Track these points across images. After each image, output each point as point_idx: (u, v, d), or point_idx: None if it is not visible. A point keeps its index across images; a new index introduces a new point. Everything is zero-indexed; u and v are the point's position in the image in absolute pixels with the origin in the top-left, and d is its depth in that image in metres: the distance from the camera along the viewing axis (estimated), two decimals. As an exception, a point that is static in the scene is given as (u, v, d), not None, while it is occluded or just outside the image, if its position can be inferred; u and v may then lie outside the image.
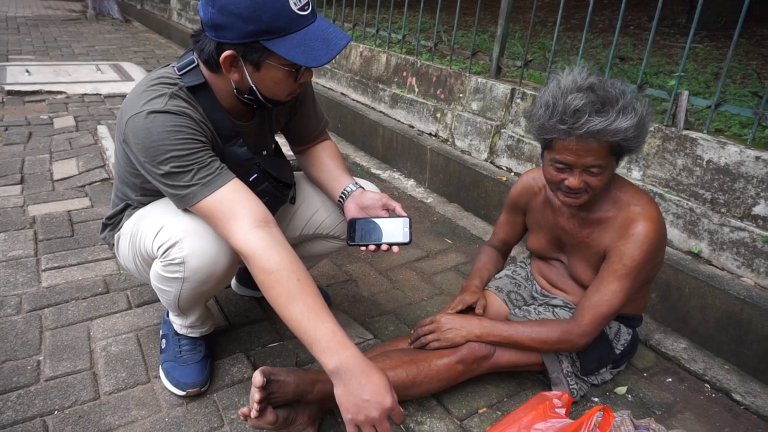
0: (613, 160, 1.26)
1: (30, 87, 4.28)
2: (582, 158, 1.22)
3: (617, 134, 1.18)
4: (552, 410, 1.32)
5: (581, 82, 1.21)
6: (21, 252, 2.02)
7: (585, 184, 1.26)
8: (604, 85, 1.21)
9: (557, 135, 1.22)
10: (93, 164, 2.85)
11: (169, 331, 1.49)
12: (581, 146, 1.20)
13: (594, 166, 1.23)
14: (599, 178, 1.25)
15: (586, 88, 1.20)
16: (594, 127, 1.17)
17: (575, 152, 1.21)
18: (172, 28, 7.38)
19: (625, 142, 1.21)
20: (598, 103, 1.18)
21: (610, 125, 1.17)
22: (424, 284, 2.04)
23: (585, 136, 1.19)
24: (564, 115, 1.19)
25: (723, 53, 3.76)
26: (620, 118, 1.17)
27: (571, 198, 1.30)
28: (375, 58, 3.64)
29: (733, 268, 1.74)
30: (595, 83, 1.21)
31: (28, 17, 8.70)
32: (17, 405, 1.34)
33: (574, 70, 1.26)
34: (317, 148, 1.55)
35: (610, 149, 1.22)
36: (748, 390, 1.54)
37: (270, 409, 1.17)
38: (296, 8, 1.10)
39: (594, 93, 1.19)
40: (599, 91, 1.19)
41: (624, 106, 1.19)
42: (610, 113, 1.17)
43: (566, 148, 1.22)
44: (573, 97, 1.18)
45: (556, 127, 1.21)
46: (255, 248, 1.12)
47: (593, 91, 1.19)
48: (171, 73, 1.22)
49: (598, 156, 1.21)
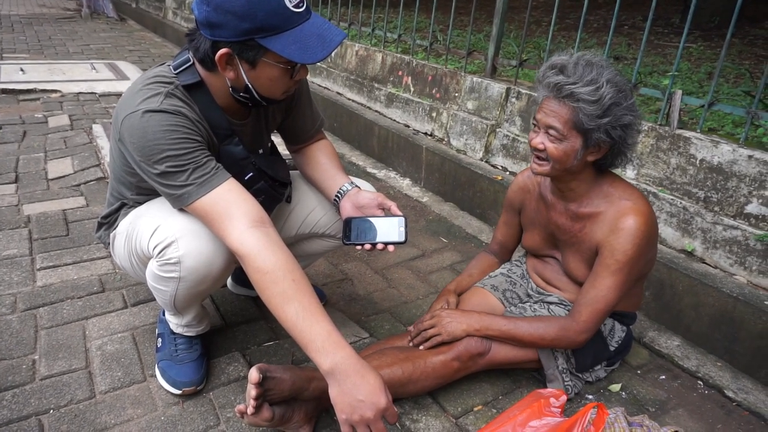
0: (575, 135, 1.28)
1: (24, 86, 4.26)
2: (547, 117, 1.29)
3: (574, 99, 1.24)
4: (547, 408, 1.32)
5: (588, 57, 1.29)
6: (16, 251, 2.01)
7: (543, 145, 1.31)
8: (598, 63, 1.27)
9: (537, 88, 1.33)
10: (88, 163, 2.85)
11: (165, 330, 1.50)
12: (549, 106, 1.29)
13: (552, 127, 1.28)
14: (555, 145, 1.30)
15: (579, 59, 1.28)
16: (553, 80, 1.26)
17: (543, 110, 1.31)
18: (168, 27, 7.36)
19: (585, 117, 1.24)
20: (576, 69, 1.25)
21: (567, 84, 1.24)
22: (419, 283, 2.04)
23: (550, 92, 1.27)
24: (546, 68, 1.30)
25: (716, 53, 3.78)
26: (580, 85, 1.24)
27: (536, 162, 1.36)
28: (371, 58, 3.64)
29: (726, 266, 1.75)
30: (591, 60, 1.27)
31: (23, 15, 8.65)
32: (12, 404, 1.34)
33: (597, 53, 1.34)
34: (313, 147, 1.56)
35: (571, 117, 1.26)
36: (741, 387, 1.55)
37: (266, 406, 1.18)
38: (291, 5, 1.10)
39: (582, 64, 1.26)
40: (583, 64, 1.26)
41: (593, 79, 1.24)
42: (573, 76, 1.25)
43: (540, 107, 1.31)
44: (563, 58, 1.29)
45: (537, 78, 1.33)
46: (250, 248, 1.12)
47: (584, 62, 1.27)
48: (167, 71, 1.22)
49: (558, 118, 1.27)
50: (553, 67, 1.29)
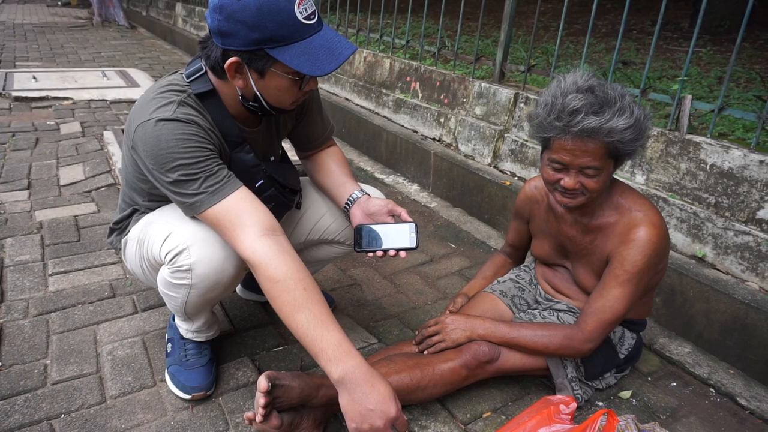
0: (610, 163, 1.26)
1: (37, 93, 4.32)
2: (578, 158, 1.23)
3: (613, 134, 1.19)
4: (556, 415, 1.31)
5: (582, 83, 1.23)
6: (28, 257, 2.04)
7: (581, 185, 1.27)
8: (604, 88, 1.23)
9: (554, 133, 1.24)
10: (99, 170, 2.88)
11: (175, 335, 1.50)
12: (577, 146, 1.22)
13: (589, 167, 1.24)
14: (595, 180, 1.25)
15: (586, 89, 1.22)
16: (588, 125, 1.18)
17: (571, 152, 1.23)
18: (177, 35, 7.43)
19: (622, 144, 1.22)
20: (596, 104, 1.20)
21: (605, 124, 1.18)
22: (428, 288, 2.04)
23: (581, 135, 1.20)
24: (561, 113, 1.21)
25: (726, 57, 3.76)
26: (615, 118, 1.19)
27: (568, 198, 1.31)
28: (379, 64, 3.66)
29: (737, 272, 1.74)
30: (595, 85, 1.23)
31: (35, 24, 8.78)
32: (24, 409, 1.35)
33: (576, 72, 1.28)
34: (323, 154, 1.56)
35: (606, 151, 1.23)
36: (754, 394, 1.54)
37: (275, 413, 1.18)
38: (302, 17, 1.11)
39: (593, 94, 1.21)
40: (598, 93, 1.21)
41: (621, 107, 1.20)
42: (606, 113, 1.19)
43: (563, 148, 1.24)
44: (572, 97, 1.21)
45: (553, 125, 1.23)
46: (262, 257, 1.13)
47: (592, 92, 1.21)
48: (179, 80, 1.24)
49: (594, 157, 1.22)
50: (574, 112, 1.19)
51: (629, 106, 1.21)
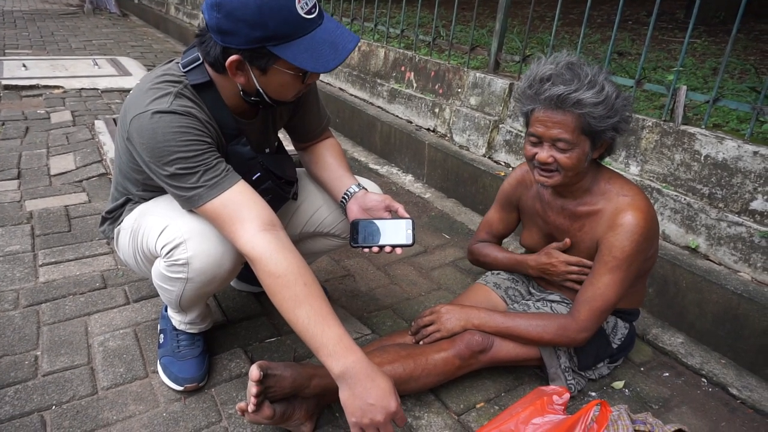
0: (584, 140, 1.26)
1: (27, 81, 4.26)
2: (549, 129, 1.25)
3: (582, 106, 1.21)
4: (550, 405, 1.32)
5: (562, 59, 1.27)
6: (18, 247, 2.02)
7: (554, 159, 1.28)
8: (582, 64, 1.26)
9: (528, 104, 1.28)
10: (90, 159, 2.85)
11: (168, 326, 1.49)
12: (548, 116, 1.25)
13: (561, 139, 1.25)
14: (567, 155, 1.27)
15: (563, 64, 1.25)
16: (555, 92, 1.21)
17: (543, 123, 1.26)
18: (170, 23, 7.35)
19: (594, 120, 1.23)
20: (567, 74, 1.23)
21: (572, 93, 1.20)
22: (422, 279, 2.04)
23: (550, 105, 1.23)
24: (533, 81, 1.25)
25: (721, 48, 3.76)
26: (584, 91, 1.21)
27: (544, 176, 1.32)
28: (373, 53, 3.63)
29: (730, 263, 1.74)
30: (573, 62, 1.26)
31: (25, 11, 8.65)
32: (15, 400, 1.34)
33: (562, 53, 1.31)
34: (320, 146, 1.55)
35: (578, 124, 1.24)
36: (745, 384, 1.55)
37: (267, 403, 1.18)
38: (303, 12, 1.08)
39: (568, 69, 1.24)
40: (574, 68, 1.25)
41: (592, 81, 1.23)
42: (574, 83, 1.22)
43: (537, 120, 1.27)
44: (547, 67, 1.25)
45: (526, 94, 1.27)
46: (262, 252, 1.12)
47: (568, 67, 1.25)
48: (175, 69, 1.21)
49: (564, 129, 1.24)
50: (543, 79, 1.25)
51: (600, 83, 1.23)
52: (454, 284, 2.01)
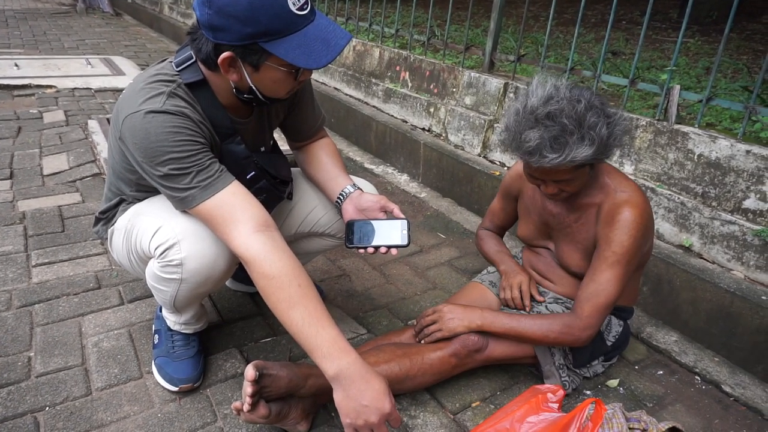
0: (584, 169, 1.28)
1: (19, 81, 4.23)
2: (550, 176, 1.27)
3: (575, 162, 1.20)
4: (545, 404, 1.32)
5: (538, 109, 1.19)
6: (11, 248, 2.00)
7: (559, 189, 1.31)
8: (563, 112, 1.18)
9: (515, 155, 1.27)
10: (84, 159, 2.83)
11: (162, 327, 1.49)
12: (544, 170, 1.26)
13: (563, 180, 1.28)
14: (573, 184, 1.30)
15: (544, 117, 1.19)
16: (548, 164, 1.19)
17: (540, 174, 1.28)
18: (164, 22, 7.31)
19: (588, 159, 1.21)
20: (552, 138, 1.17)
21: (565, 159, 1.18)
22: (417, 279, 2.04)
23: None
24: (519, 149, 1.22)
25: (714, 48, 3.78)
26: (576, 149, 1.17)
27: (552, 198, 1.36)
28: (368, 53, 3.63)
29: (723, 262, 1.75)
30: (553, 111, 1.18)
31: (17, 10, 8.59)
32: (8, 401, 1.33)
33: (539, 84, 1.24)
34: (315, 146, 1.54)
35: (575, 167, 1.25)
36: (738, 382, 1.56)
37: (262, 403, 1.17)
38: (295, 8, 1.08)
39: (551, 124, 1.18)
40: (557, 120, 1.17)
41: (582, 136, 1.18)
42: (564, 148, 1.17)
43: (532, 169, 1.28)
44: (527, 135, 1.19)
45: (514, 150, 1.25)
46: (256, 253, 1.12)
47: (551, 120, 1.18)
48: (169, 69, 1.20)
49: (564, 173, 1.26)
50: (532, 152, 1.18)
51: (593, 128, 1.18)
52: (449, 283, 2.02)
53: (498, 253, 1.66)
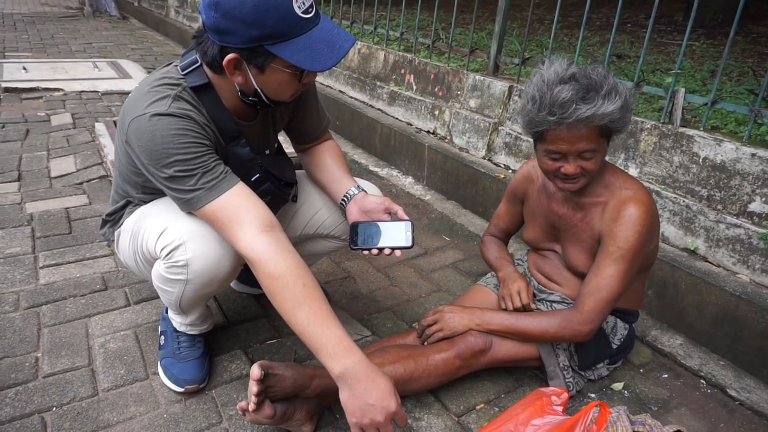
0: (603, 142, 1.30)
1: (27, 84, 4.26)
2: (575, 145, 1.26)
3: (605, 118, 1.23)
4: (549, 406, 1.32)
5: (563, 72, 1.26)
6: (18, 249, 2.02)
7: (581, 168, 1.30)
8: (586, 73, 1.25)
9: (548, 126, 1.26)
10: (91, 161, 2.85)
11: (168, 328, 1.50)
12: (572, 134, 1.25)
13: (587, 150, 1.27)
14: (593, 161, 1.30)
15: (569, 78, 1.24)
16: (583, 115, 1.21)
17: (567, 140, 1.26)
18: (170, 26, 7.36)
19: (613, 123, 1.25)
20: (583, 90, 1.22)
21: (597, 111, 1.21)
22: (422, 281, 2.04)
23: (575, 124, 1.23)
24: (552, 107, 1.23)
25: (719, 51, 3.77)
26: (606, 103, 1.22)
27: (570, 183, 1.34)
28: (373, 56, 3.64)
29: (728, 265, 1.75)
30: (576, 72, 1.25)
31: (25, 14, 8.66)
32: (15, 401, 1.35)
33: (553, 62, 1.30)
34: (320, 148, 1.55)
35: (599, 132, 1.26)
36: (743, 386, 1.55)
37: (268, 403, 1.18)
38: (300, 11, 1.09)
39: (577, 82, 1.23)
40: (582, 80, 1.24)
41: (608, 91, 1.23)
42: (595, 99, 1.22)
43: (559, 138, 1.27)
44: (559, 89, 1.22)
45: (545, 119, 1.25)
46: (261, 253, 1.13)
47: (576, 80, 1.24)
48: (174, 72, 1.22)
49: (589, 140, 1.26)
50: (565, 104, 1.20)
51: (615, 87, 1.24)
52: (454, 286, 2.02)
53: (498, 259, 1.66)
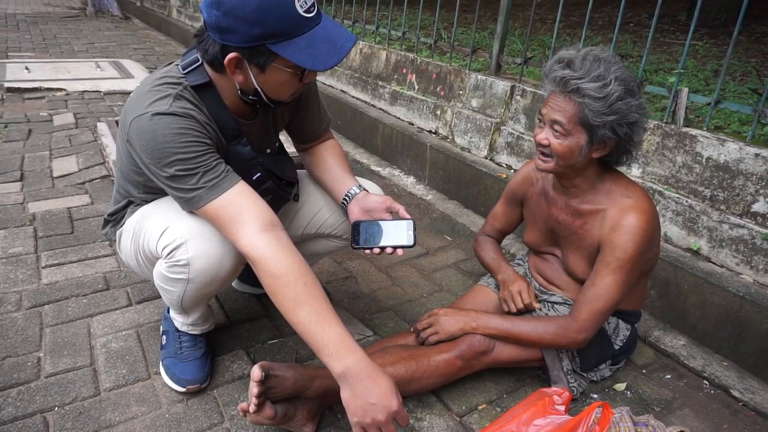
0: (580, 131, 1.27)
1: (29, 84, 4.27)
2: (552, 112, 1.28)
3: (580, 94, 1.23)
4: (551, 407, 1.32)
5: (596, 50, 1.28)
6: (21, 249, 2.02)
7: (548, 142, 1.31)
8: (606, 59, 1.25)
9: (545, 84, 1.31)
10: (93, 161, 2.85)
11: (170, 328, 1.50)
12: (555, 101, 1.28)
13: (557, 122, 1.28)
14: (560, 141, 1.29)
15: (586, 54, 1.26)
16: (560, 74, 1.25)
17: (549, 106, 1.30)
18: (172, 25, 7.37)
19: (590, 113, 1.23)
20: (581, 63, 1.24)
21: (573, 79, 1.23)
22: (423, 281, 2.04)
23: (556, 86, 1.27)
24: (553, 60, 1.29)
25: (722, 50, 3.76)
26: (586, 81, 1.22)
27: (541, 159, 1.36)
28: (375, 55, 3.64)
29: (732, 266, 1.74)
30: (601, 56, 1.25)
31: (28, 14, 8.68)
32: (17, 401, 1.35)
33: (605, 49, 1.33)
34: (321, 148, 1.55)
35: (575, 113, 1.25)
36: (747, 386, 1.54)
37: (269, 403, 1.18)
38: (302, 11, 1.09)
39: (585, 58, 1.25)
40: (592, 59, 1.25)
41: (600, 75, 1.23)
42: (579, 71, 1.24)
43: (547, 102, 1.31)
44: (571, 53, 1.27)
45: (544, 72, 1.32)
46: (262, 252, 1.12)
47: (586, 57, 1.25)
48: (175, 72, 1.22)
49: (563, 114, 1.27)
50: (560, 61, 1.27)
51: (609, 80, 1.23)
52: (455, 286, 2.02)
53: (494, 261, 1.66)
